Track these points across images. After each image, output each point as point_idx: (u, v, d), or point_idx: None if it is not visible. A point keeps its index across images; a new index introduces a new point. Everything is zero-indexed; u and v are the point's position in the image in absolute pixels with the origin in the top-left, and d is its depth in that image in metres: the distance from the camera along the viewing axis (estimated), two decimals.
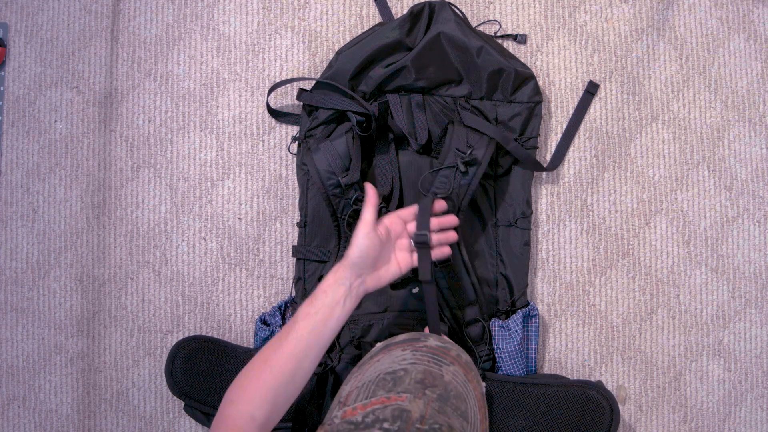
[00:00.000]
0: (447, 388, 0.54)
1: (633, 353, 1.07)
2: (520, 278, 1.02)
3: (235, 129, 1.07)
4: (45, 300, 1.07)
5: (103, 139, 1.08)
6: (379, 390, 0.53)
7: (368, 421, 0.48)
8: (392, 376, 0.55)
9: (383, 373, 0.56)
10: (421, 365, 0.56)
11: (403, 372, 0.55)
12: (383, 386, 0.54)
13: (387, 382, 0.54)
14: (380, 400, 0.51)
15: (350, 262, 0.81)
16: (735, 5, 1.08)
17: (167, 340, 1.07)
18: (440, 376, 0.55)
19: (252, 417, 0.71)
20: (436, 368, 0.56)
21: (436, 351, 0.59)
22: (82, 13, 1.09)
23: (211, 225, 1.07)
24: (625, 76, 1.08)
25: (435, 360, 0.58)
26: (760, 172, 1.08)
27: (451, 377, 0.56)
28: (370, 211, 0.84)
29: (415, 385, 0.53)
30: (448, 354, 0.60)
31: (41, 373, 1.07)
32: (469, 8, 1.07)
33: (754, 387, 1.07)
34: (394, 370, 0.56)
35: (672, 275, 1.07)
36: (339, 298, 0.79)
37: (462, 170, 0.94)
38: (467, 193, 0.95)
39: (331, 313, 0.79)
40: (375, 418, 0.48)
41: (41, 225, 1.07)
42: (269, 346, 0.78)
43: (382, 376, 0.55)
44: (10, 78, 1.08)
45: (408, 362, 0.57)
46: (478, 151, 0.95)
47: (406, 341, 0.62)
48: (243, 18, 1.08)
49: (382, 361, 0.59)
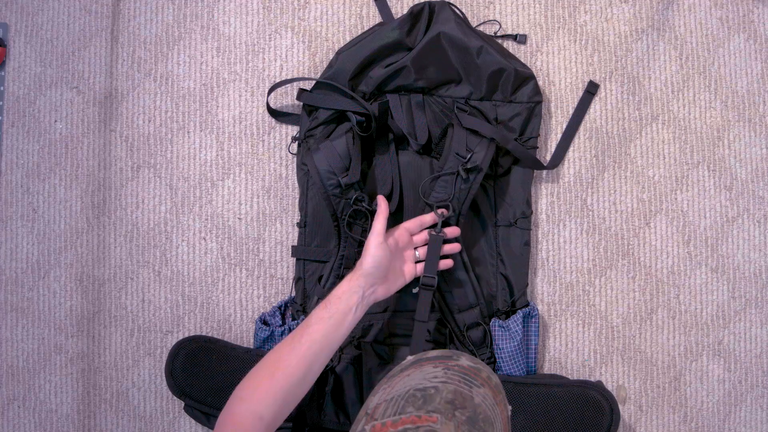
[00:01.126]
0: (476, 411, 0.54)
1: (633, 353, 1.07)
2: (520, 278, 1.02)
3: (235, 129, 1.07)
4: (45, 300, 1.07)
5: (103, 139, 1.08)
6: (408, 406, 0.53)
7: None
8: (422, 393, 0.55)
9: (413, 389, 0.55)
10: (452, 385, 0.56)
11: (433, 390, 0.55)
12: (413, 403, 0.54)
13: (417, 399, 0.54)
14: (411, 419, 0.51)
15: (364, 271, 0.85)
16: (735, 5, 1.08)
17: (167, 340, 1.07)
18: (470, 398, 0.55)
19: (260, 416, 0.72)
20: (467, 389, 0.56)
21: (468, 371, 0.59)
22: (82, 13, 1.09)
23: (211, 225, 1.07)
24: (625, 76, 1.08)
25: (466, 380, 0.58)
26: (760, 172, 1.08)
27: (480, 399, 0.56)
28: (382, 222, 0.88)
29: (445, 405, 0.53)
30: (479, 375, 0.59)
31: (41, 373, 1.07)
32: (469, 8, 1.07)
33: (754, 387, 1.07)
34: (425, 387, 0.56)
35: (672, 275, 1.07)
36: (352, 305, 0.82)
37: (463, 177, 0.95)
38: (467, 197, 0.96)
39: (343, 320, 0.82)
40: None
41: (41, 225, 1.07)
42: (282, 347, 0.80)
43: (412, 392, 0.55)
44: (10, 78, 1.08)
45: (439, 380, 0.57)
46: (478, 155, 0.95)
47: (439, 358, 0.62)
48: (243, 18, 1.08)
49: (413, 376, 0.59)
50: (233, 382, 0.96)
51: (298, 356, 0.78)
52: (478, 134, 0.97)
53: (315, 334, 0.79)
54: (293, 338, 0.80)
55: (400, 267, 0.91)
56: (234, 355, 0.98)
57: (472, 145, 0.95)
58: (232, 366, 0.98)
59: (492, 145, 0.96)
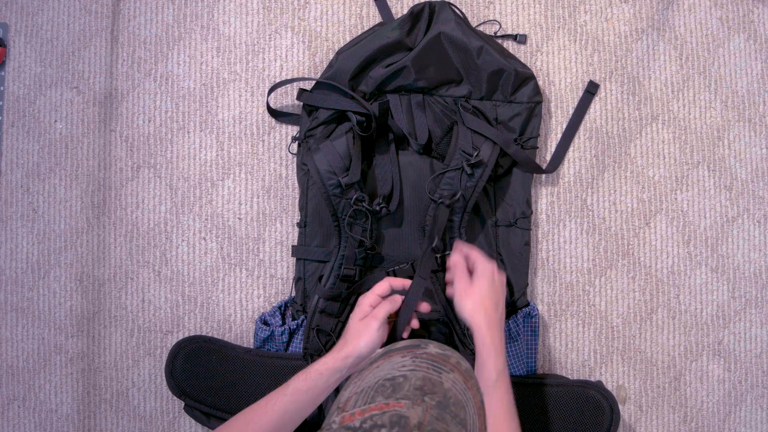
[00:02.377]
0: (446, 396, 0.54)
1: (633, 353, 1.07)
2: (520, 278, 1.02)
3: (235, 129, 1.07)
4: (45, 300, 1.07)
5: (103, 139, 1.08)
6: (377, 396, 0.53)
7: (366, 426, 0.48)
8: (391, 382, 0.55)
9: (382, 380, 0.56)
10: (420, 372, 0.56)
11: (402, 378, 0.55)
12: (382, 392, 0.54)
13: (386, 388, 0.54)
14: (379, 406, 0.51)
15: (358, 353, 0.84)
16: (735, 5, 1.08)
17: (167, 340, 1.06)
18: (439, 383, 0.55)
19: None
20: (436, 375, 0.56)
21: (436, 358, 0.59)
22: (82, 13, 1.09)
23: (211, 225, 1.07)
24: (625, 76, 1.08)
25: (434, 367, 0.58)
26: (760, 172, 1.08)
27: (450, 384, 0.56)
28: (386, 310, 0.87)
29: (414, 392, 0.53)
30: (447, 361, 0.60)
31: (41, 373, 1.07)
32: (469, 8, 1.07)
33: (754, 387, 1.07)
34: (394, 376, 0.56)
35: (672, 275, 1.07)
36: (332, 383, 0.83)
37: (468, 172, 0.94)
38: (473, 194, 0.96)
39: (320, 395, 0.83)
40: (373, 424, 0.48)
41: (41, 225, 1.07)
42: (254, 408, 0.80)
43: (381, 383, 0.55)
44: (10, 78, 1.08)
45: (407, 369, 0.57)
46: (484, 153, 0.95)
47: (406, 348, 0.62)
48: (243, 18, 1.08)
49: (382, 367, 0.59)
50: (233, 382, 0.96)
51: (270, 421, 0.78)
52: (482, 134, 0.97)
53: (289, 404, 0.80)
54: (266, 403, 0.80)
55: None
56: (234, 355, 0.98)
57: (478, 143, 0.96)
58: (232, 366, 0.98)
59: (497, 144, 0.96)
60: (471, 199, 0.96)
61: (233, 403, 0.97)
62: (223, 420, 0.98)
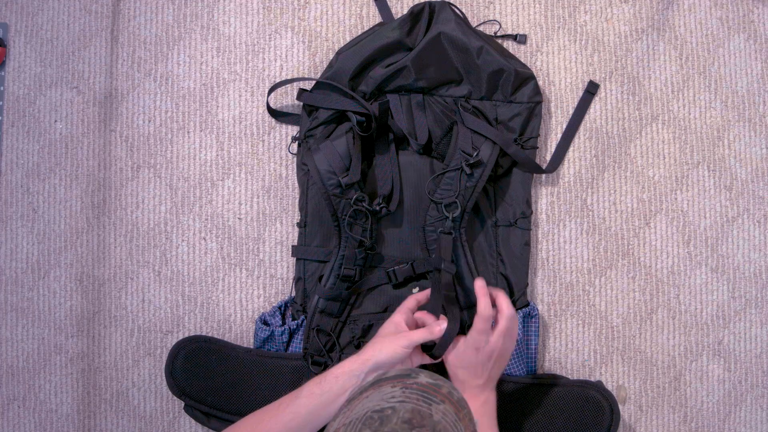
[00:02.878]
0: (435, 428, 0.53)
1: (633, 353, 1.07)
2: (520, 278, 1.02)
3: (235, 129, 1.07)
4: (45, 300, 1.07)
5: (103, 139, 1.08)
6: (364, 429, 0.53)
7: None
8: (379, 414, 0.54)
9: (370, 411, 0.55)
10: (409, 404, 0.55)
11: (390, 410, 0.54)
12: (369, 425, 0.53)
13: (374, 420, 0.53)
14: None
15: (376, 360, 0.82)
16: (735, 5, 1.08)
17: (167, 340, 1.07)
18: (429, 416, 0.54)
19: None
20: (425, 407, 0.55)
21: (427, 388, 0.58)
22: (82, 13, 1.09)
23: (211, 225, 1.07)
24: (625, 76, 1.08)
25: (425, 398, 0.57)
26: (760, 172, 1.08)
27: (440, 416, 0.55)
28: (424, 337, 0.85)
29: (402, 425, 0.52)
30: (438, 392, 0.59)
31: (41, 373, 1.07)
32: (469, 8, 1.07)
33: (754, 387, 1.07)
34: (382, 408, 0.55)
35: (672, 275, 1.07)
36: (348, 387, 0.80)
37: (468, 173, 0.95)
38: (473, 195, 0.96)
39: (334, 400, 0.80)
40: None
41: (41, 225, 1.07)
42: (265, 411, 0.79)
43: (369, 414, 0.54)
44: (10, 78, 1.08)
45: (396, 400, 0.56)
46: (483, 153, 0.95)
47: (397, 377, 0.61)
48: (243, 18, 1.08)
49: (371, 397, 0.58)
50: (233, 382, 0.96)
51: (279, 426, 0.77)
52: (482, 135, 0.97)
53: (301, 407, 0.78)
54: (279, 405, 0.79)
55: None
56: (234, 355, 0.98)
57: (477, 143, 0.96)
58: (232, 366, 0.98)
59: (497, 145, 0.96)
60: (471, 199, 0.96)
61: (233, 403, 0.97)
62: (223, 420, 0.98)
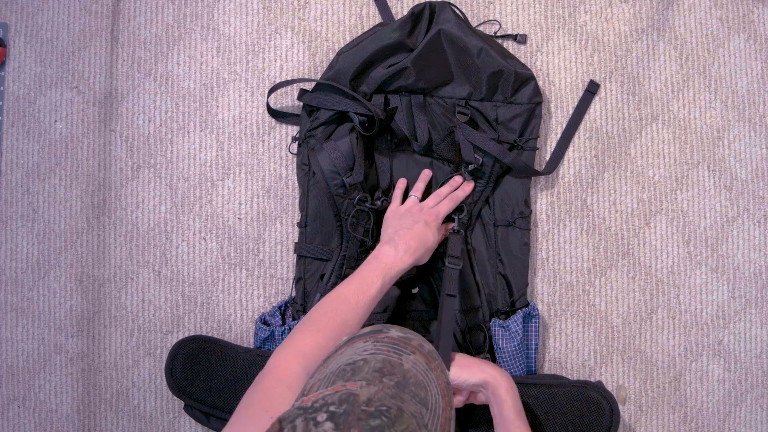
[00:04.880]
0: (405, 376, 0.55)
1: (633, 353, 1.07)
2: (519, 278, 1.02)
3: (235, 129, 1.07)
4: (45, 300, 1.07)
5: (103, 139, 1.08)
6: (338, 380, 0.55)
7: (317, 405, 0.50)
8: (352, 366, 0.56)
9: (344, 364, 0.57)
10: (380, 355, 0.58)
11: (362, 362, 0.56)
12: (342, 376, 0.55)
13: (346, 372, 0.55)
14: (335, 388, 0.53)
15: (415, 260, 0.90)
16: (735, 5, 1.08)
17: (167, 340, 1.06)
18: (399, 365, 0.56)
19: (309, 372, 0.73)
20: (396, 357, 0.58)
21: (397, 341, 0.61)
22: (82, 13, 1.09)
23: (211, 225, 1.07)
24: (625, 76, 1.08)
25: (395, 350, 0.59)
26: (760, 172, 1.08)
27: (411, 365, 0.57)
28: (448, 208, 0.95)
29: (372, 374, 0.54)
30: (409, 344, 0.61)
31: (41, 373, 1.07)
32: (469, 8, 1.07)
33: (754, 387, 1.07)
34: (354, 360, 0.57)
35: (672, 275, 1.07)
36: (394, 275, 0.88)
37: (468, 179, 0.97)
38: (479, 200, 0.98)
39: (388, 284, 0.88)
40: (323, 403, 0.50)
41: (41, 225, 1.07)
42: (342, 308, 0.83)
43: (342, 367, 0.57)
44: (10, 78, 1.08)
45: (368, 353, 0.58)
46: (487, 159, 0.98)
47: (369, 333, 0.63)
48: (243, 18, 1.08)
49: (345, 353, 0.60)
50: (233, 382, 0.96)
51: (359, 317, 0.83)
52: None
53: (371, 298, 0.84)
54: (357, 297, 0.83)
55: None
56: (234, 355, 0.98)
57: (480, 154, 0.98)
58: (232, 366, 0.98)
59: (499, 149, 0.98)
60: (477, 203, 0.99)
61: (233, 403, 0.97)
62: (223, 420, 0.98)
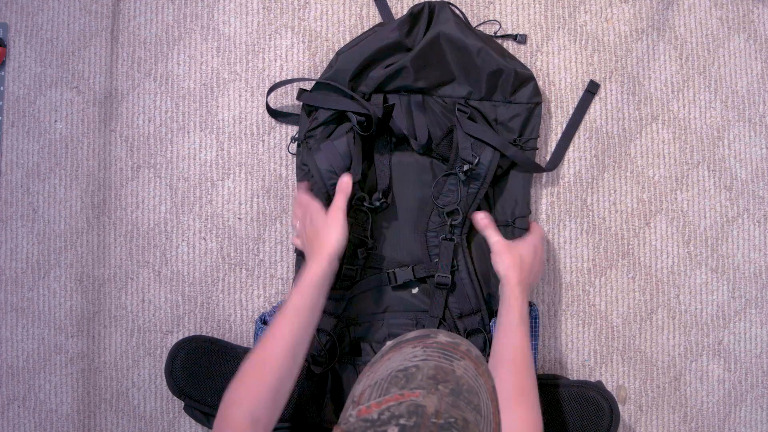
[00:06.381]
0: (459, 383, 0.55)
1: (633, 353, 1.07)
2: None
3: (235, 129, 1.07)
4: (45, 300, 1.07)
5: (103, 139, 1.08)
6: (392, 387, 0.54)
7: (384, 418, 0.49)
8: (404, 373, 0.56)
9: (395, 371, 0.57)
10: (432, 361, 0.57)
11: (414, 369, 0.56)
12: (396, 383, 0.55)
13: (399, 379, 0.55)
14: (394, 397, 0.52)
15: (335, 252, 0.87)
16: (735, 5, 1.08)
17: (167, 340, 1.07)
18: (452, 371, 0.56)
19: (257, 419, 0.74)
20: (447, 363, 0.57)
21: (446, 347, 0.60)
22: (82, 13, 1.09)
23: (211, 225, 1.07)
24: (625, 76, 1.08)
25: (445, 356, 0.59)
26: (760, 172, 1.08)
27: (462, 371, 0.57)
28: (343, 199, 0.91)
29: (427, 381, 0.54)
30: (458, 349, 0.60)
31: (41, 373, 1.07)
32: (469, 8, 1.07)
33: (754, 387, 1.07)
34: (406, 367, 0.57)
35: (672, 275, 1.07)
36: (325, 291, 0.86)
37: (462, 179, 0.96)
38: (474, 202, 0.97)
39: (319, 306, 0.85)
40: (391, 415, 0.49)
41: (41, 225, 1.07)
42: (265, 343, 0.81)
43: (394, 374, 0.56)
44: (10, 78, 1.09)
45: (419, 359, 0.58)
46: (484, 159, 0.96)
47: (417, 338, 0.63)
48: (243, 18, 1.08)
49: (393, 359, 0.60)
50: None
51: (284, 350, 0.79)
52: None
53: (296, 325, 0.81)
54: (274, 333, 0.81)
55: None
56: (234, 355, 0.98)
57: (478, 150, 0.96)
58: (232, 366, 0.98)
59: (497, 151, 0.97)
60: (472, 207, 0.97)
61: None
62: None
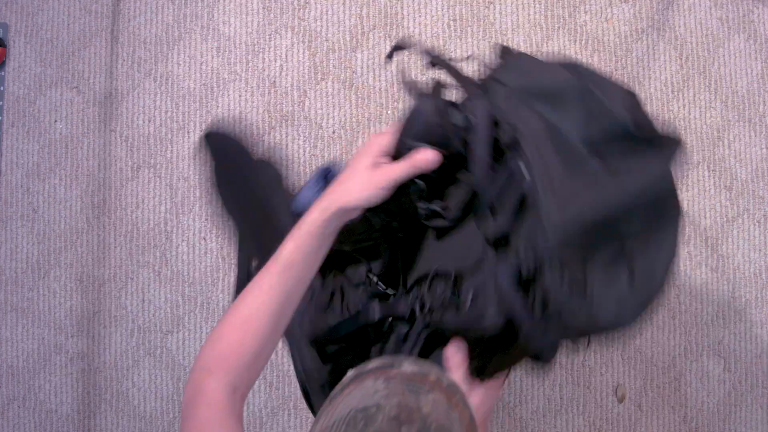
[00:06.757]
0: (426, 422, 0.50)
1: (633, 353, 1.07)
2: None
3: None
4: (45, 300, 1.07)
5: (103, 139, 1.08)
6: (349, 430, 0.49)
7: None
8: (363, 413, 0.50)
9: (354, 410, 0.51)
10: (395, 398, 0.51)
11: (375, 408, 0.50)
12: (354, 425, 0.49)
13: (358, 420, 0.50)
14: None
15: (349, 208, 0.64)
16: (735, 5, 1.08)
17: (167, 340, 1.07)
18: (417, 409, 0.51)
19: (234, 388, 0.63)
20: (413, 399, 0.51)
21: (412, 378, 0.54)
22: (82, 13, 1.09)
23: (211, 225, 1.07)
24: (625, 76, 1.08)
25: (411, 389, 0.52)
26: (760, 172, 1.08)
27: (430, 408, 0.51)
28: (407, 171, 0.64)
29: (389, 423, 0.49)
30: (426, 380, 0.54)
31: (41, 373, 1.07)
32: (470, 8, 1.07)
33: (754, 387, 1.07)
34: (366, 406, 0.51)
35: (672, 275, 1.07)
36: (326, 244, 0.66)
37: None
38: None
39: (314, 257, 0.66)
40: None
41: (41, 225, 1.07)
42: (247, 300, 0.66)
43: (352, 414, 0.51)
44: (10, 78, 1.09)
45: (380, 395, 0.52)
46: None
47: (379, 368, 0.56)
48: (243, 18, 1.08)
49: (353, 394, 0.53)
50: None
51: (270, 308, 0.64)
52: None
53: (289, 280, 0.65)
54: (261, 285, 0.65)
55: None
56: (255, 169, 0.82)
57: None
58: None
59: None
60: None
61: None
62: None
